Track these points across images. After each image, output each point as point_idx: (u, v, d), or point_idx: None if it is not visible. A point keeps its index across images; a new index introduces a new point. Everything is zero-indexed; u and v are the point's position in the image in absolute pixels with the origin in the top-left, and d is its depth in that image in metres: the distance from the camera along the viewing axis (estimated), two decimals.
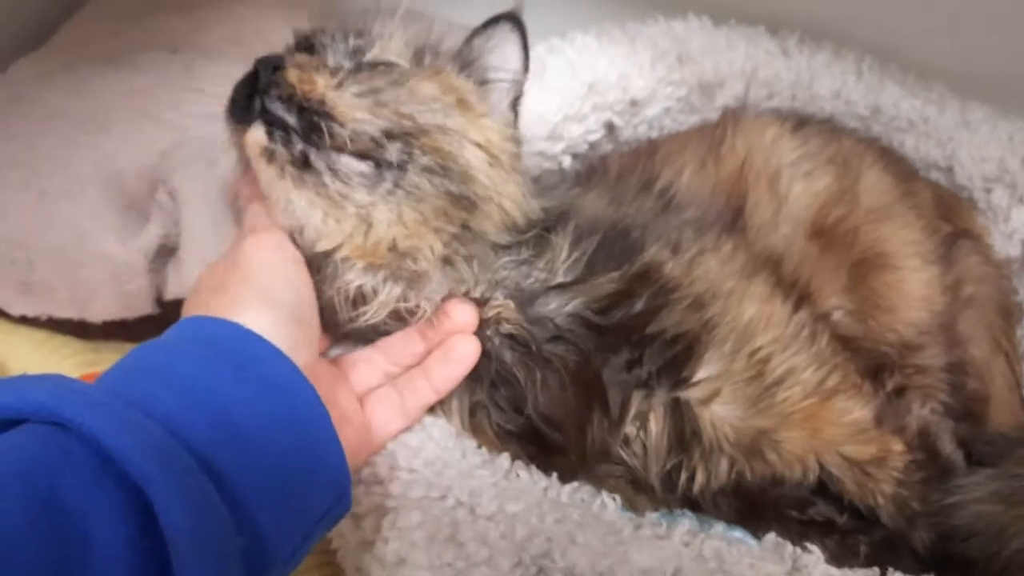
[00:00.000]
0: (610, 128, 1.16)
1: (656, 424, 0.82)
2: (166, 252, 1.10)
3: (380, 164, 0.75)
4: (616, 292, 0.81)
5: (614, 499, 0.75)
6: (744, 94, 1.20)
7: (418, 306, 0.79)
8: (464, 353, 0.79)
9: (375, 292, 0.78)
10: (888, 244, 0.99)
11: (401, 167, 0.76)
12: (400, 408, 0.80)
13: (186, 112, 1.25)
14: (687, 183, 0.99)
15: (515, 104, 0.89)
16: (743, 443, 0.83)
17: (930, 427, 0.89)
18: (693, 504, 0.85)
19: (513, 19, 0.89)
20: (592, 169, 1.09)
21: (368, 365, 0.82)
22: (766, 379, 0.83)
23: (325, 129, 0.74)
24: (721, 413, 0.82)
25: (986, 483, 0.85)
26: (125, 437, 0.54)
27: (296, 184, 0.74)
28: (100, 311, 1.08)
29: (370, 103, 0.77)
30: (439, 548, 0.71)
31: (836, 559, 0.76)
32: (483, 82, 0.88)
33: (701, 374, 0.82)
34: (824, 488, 0.87)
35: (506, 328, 0.80)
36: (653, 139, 1.16)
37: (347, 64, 0.82)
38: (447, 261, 0.79)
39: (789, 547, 0.72)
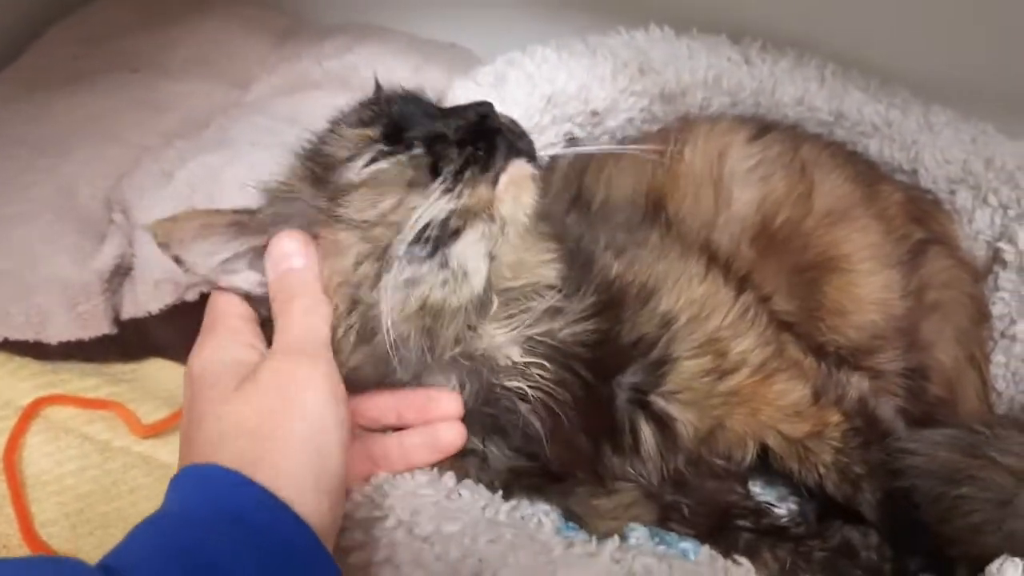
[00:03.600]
0: (571, 139, 1.16)
1: (647, 435, 0.84)
2: (122, 272, 1.10)
3: None
4: (590, 326, 0.81)
5: (550, 517, 0.75)
6: (707, 102, 1.19)
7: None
8: (450, 441, 0.78)
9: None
10: (842, 247, 0.99)
11: None
12: (365, 471, 0.78)
13: (147, 130, 1.25)
14: (619, 192, 0.99)
15: None
16: (701, 436, 0.85)
17: (868, 396, 0.90)
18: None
19: None
20: None
21: None
22: (723, 368, 0.85)
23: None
24: (688, 415, 0.84)
25: (946, 436, 0.86)
26: None
27: (534, 211, 0.76)
28: (56, 333, 1.08)
29: None
30: (376, 570, 0.71)
31: (788, 568, 0.76)
32: None
33: (677, 380, 0.83)
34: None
35: (526, 386, 0.79)
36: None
37: None
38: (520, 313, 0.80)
39: (720, 560, 0.72)
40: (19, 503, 0.99)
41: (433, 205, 0.70)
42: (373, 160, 0.75)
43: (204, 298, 0.80)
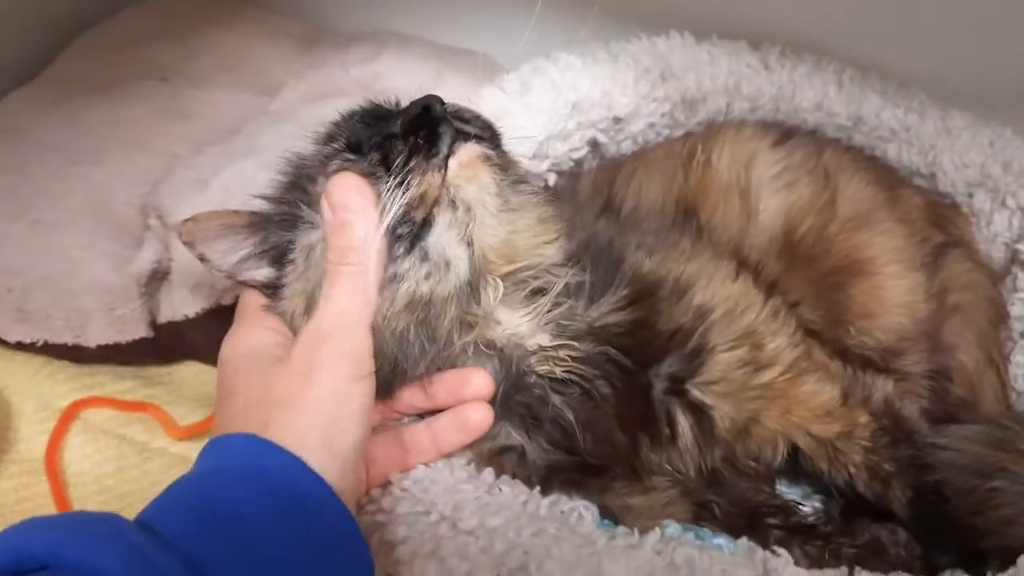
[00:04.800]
0: (594, 145, 1.17)
1: (684, 426, 0.85)
2: (159, 277, 1.12)
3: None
4: (625, 318, 0.83)
5: (590, 511, 0.76)
6: (727, 108, 1.21)
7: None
8: (479, 422, 0.80)
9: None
10: (866, 251, 1.00)
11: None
12: (398, 461, 0.81)
13: (177, 138, 1.27)
14: (648, 199, 1.01)
15: None
16: (738, 428, 0.87)
17: (894, 397, 0.92)
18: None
19: None
20: (559, 192, 1.10)
21: None
22: (759, 360, 0.87)
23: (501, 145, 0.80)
24: (725, 407, 0.85)
25: (975, 431, 0.88)
26: None
27: (499, 191, 0.76)
28: (94, 336, 1.10)
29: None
30: (422, 563, 0.72)
31: (816, 563, 0.77)
32: None
33: (714, 371, 0.85)
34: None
35: (558, 370, 0.80)
36: (623, 156, 1.17)
37: None
38: (536, 294, 0.81)
39: (760, 551, 0.73)
40: (61, 503, 1.01)
41: (388, 200, 0.72)
42: (338, 170, 0.77)
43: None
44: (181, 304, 1.08)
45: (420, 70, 1.43)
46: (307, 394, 0.70)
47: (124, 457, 1.06)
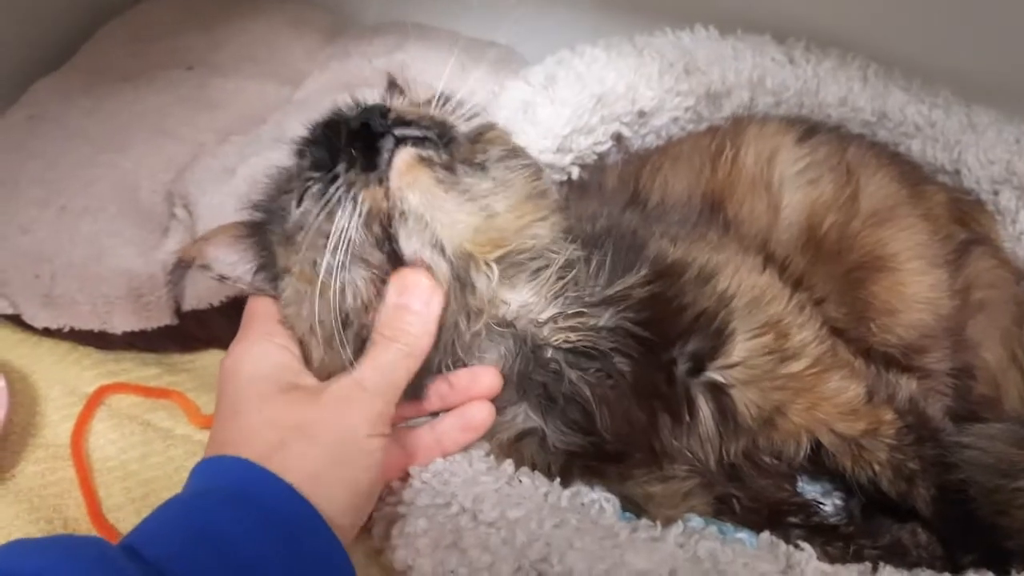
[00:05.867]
0: (618, 139, 1.17)
1: (704, 410, 0.85)
2: (183, 265, 1.13)
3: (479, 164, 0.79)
4: (644, 293, 0.83)
5: (611, 503, 0.77)
6: (751, 102, 1.20)
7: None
8: (482, 420, 0.81)
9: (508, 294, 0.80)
10: (889, 247, 1.00)
11: (483, 166, 0.79)
12: (402, 464, 0.81)
13: (202, 127, 1.28)
14: (674, 193, 1.01)
15: None
16: (763, 418, 0.86)
17: (918, 396, 0.91)
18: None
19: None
20: (585, 184, 1.10)
21: None
22: (785, 349, 0.86)
23: (456, 137, 0.78)
24: (749, 394, 0.85)
25: (1000, 430, 0.88)
26: None
27: (447, 188, 0.75)
28: (120, 323, 1.11)
29: (458, 119, 0.81)
30: (443, 555, 0.73)
31: (837, 562, 0.77)
32: None
33: (736, 354, 0.84)
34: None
35: (570, 342, 0.81)
36: (648, 150, 1.17)
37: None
38: (540, 270, 0.81)
39: (783, 546, 0.73)
40: (87, 488, 1.02)
41: (338, 223, 0.73)
42: (300, 199, 0.79)
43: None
44: (206, 293, 1.09)
45: (443, 61, 1.42)
46: (328, 431, 0.71)
47: (148, 443, 1.07)
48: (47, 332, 1.14)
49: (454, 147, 0.78)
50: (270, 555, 0.63)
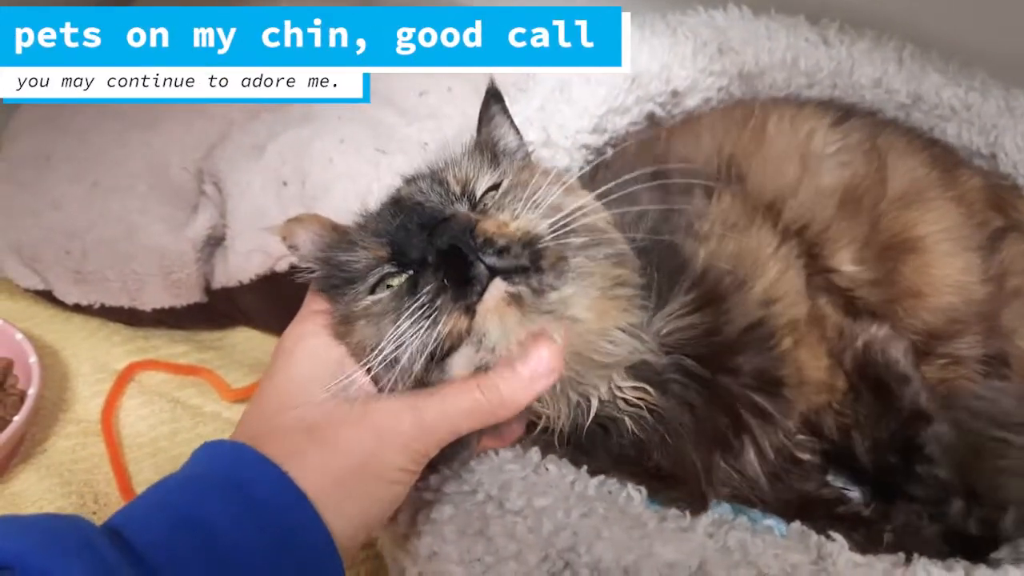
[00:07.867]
0: (651, 119, 1.16)
1: (757, 431, 0.83)
2: (213, 242, 1.13)
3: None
4: (699, 316, 0.81)
5: (640, 492, 0.76)
6: (784, 83, 1.19)
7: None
8: (513, 431, 0.78)
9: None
10: (917, 228, 0.98)
11: (566, 262, 0.73)
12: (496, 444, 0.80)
13: (232, 104, 1.28)
14: (697, 151, 1.02)
15: None
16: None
17: (875, 343, 0.90)
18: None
19: (495, 95, 0.89)
20: (609, 164, 1.08)
21: None
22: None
23: (545, 255, 0.71)
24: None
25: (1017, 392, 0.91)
26: None
27: (528, 312, 0.69)
28: (150, 300, 1.12)
29: (539, 217, 0.74)
30: (469, 542, 0.72)
31: (863, 549, 0.77)
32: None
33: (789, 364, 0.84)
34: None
35: (634, 407, 0.78)
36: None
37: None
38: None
39: (814, 536, 0.72)
40: (117, 463, 1.03)
41: (409, 330, 0.68)
42: (374, 288, 0.75)
43: (293, 269, 0.82)
44: (236, 270, 1.09)
45: None
46: (361, 452, 0.67)
47: (177, 420, 1.09)
48: (77, 308, 1.15)
49: (543, 263, 0.71)
50: (255, 546, 0.62)
